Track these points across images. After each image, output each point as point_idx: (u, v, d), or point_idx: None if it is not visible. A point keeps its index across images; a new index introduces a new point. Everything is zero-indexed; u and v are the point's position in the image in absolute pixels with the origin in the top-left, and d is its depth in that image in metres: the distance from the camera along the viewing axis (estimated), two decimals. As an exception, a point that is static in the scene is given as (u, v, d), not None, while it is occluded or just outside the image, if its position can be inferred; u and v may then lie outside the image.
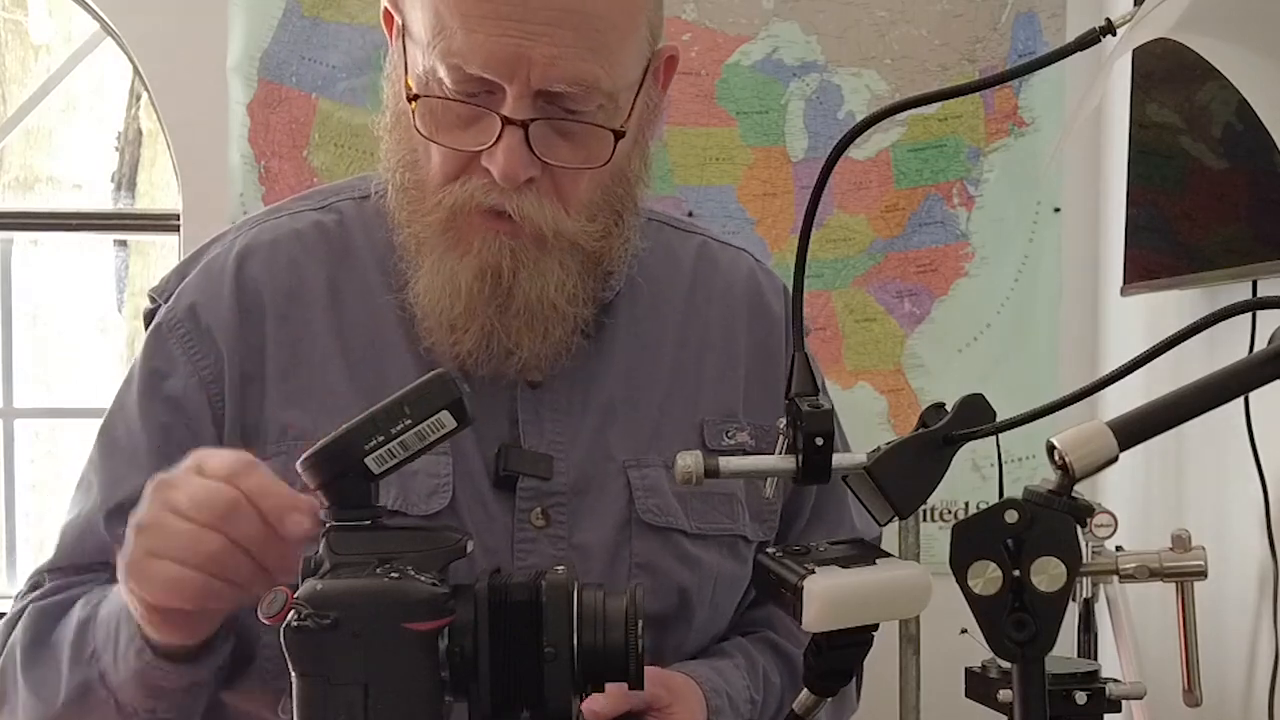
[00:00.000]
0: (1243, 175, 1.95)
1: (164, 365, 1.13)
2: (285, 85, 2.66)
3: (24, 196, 3.39)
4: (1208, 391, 0.75)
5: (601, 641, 0.84)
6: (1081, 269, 2.71)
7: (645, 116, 1.12)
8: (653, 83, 1.12)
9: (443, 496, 1.08)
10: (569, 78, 1.02)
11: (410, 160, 1.10)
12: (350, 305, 1.14)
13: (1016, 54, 2.70)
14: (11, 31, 3.51)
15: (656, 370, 1.18)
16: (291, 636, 0.77)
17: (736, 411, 1.19)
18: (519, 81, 1.02)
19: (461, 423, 0.83)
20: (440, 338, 1.10)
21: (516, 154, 1.03)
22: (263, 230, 1.17)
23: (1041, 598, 0.74)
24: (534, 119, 1.03)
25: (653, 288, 1.20)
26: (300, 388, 1.11)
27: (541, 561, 1.09)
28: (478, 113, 1.04)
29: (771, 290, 1.26)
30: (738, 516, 1.18)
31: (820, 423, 0.80)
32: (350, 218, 1.18)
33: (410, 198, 1.10)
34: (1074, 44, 0.84)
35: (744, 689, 1.16)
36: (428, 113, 1.06)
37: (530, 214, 1.05)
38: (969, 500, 2.63)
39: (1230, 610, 1.98)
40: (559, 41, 1.01)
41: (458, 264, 1.07)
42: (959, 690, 2.02)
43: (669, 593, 1.14)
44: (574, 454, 1.13)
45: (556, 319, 1.09)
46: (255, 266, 1.14)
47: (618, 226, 1.12)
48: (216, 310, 1.13)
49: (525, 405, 1.13)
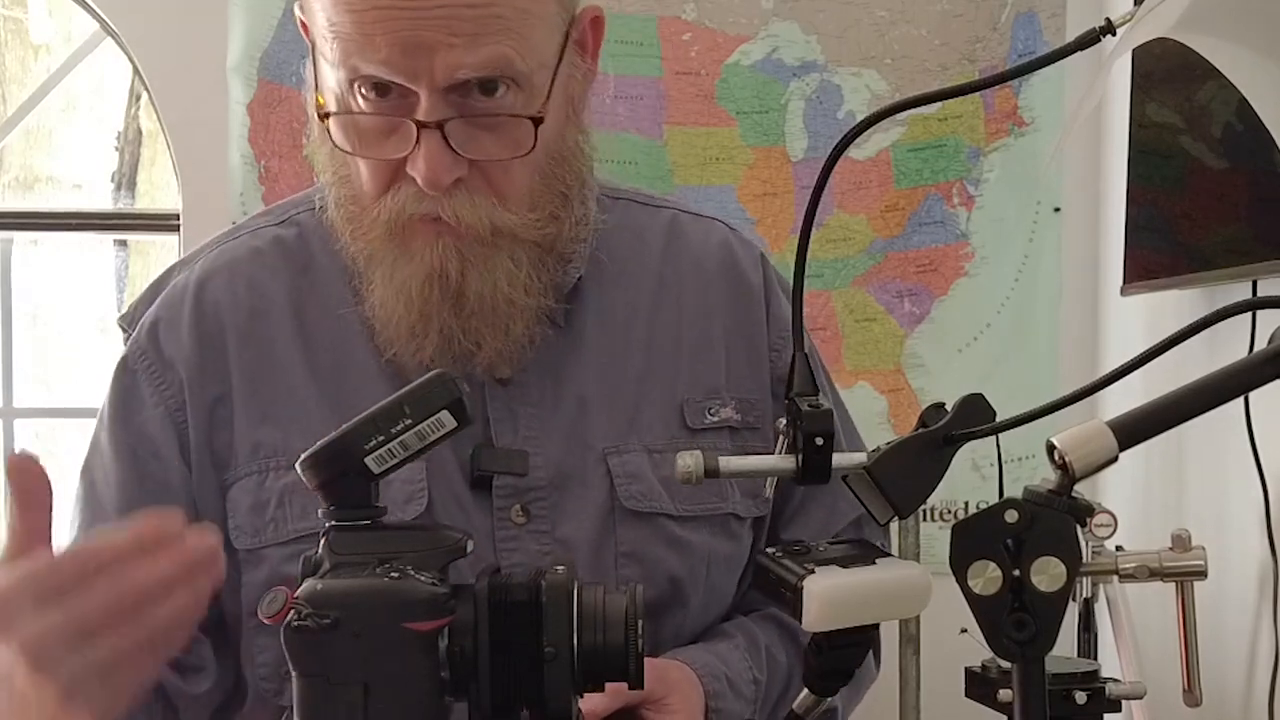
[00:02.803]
0: (1243, 175, 1.95)
1: (132, 400, 1.13)
2: (285, 85, 2.66)
3: (24, 196, 3.39)
4: (1208, 391, 0.75)
5: (601, 641, 0.83)
6: (1081, 269, 2.71)
7: (572, 89, 1.09)
8: (576, 52, 1.09)
9: (419, 502, 1.08)
10: (475, 63, 0.99)
11: (343, 175, 1.09)
12: (313, 318, 1.13)
13: (1016, 54, 2.70)
14: (11, 31, 3.51)
15: (629, 353, 1.16)
16: (291, 636, 0.77)
17: (719, 387, 1.17)
18: (426, 80, 1.00)
19: (461, 423, 0.83)
20: (401, 346, 1.09)
21: (437, 157, 1.01)
22: (223, 251, 1.17)
23: (1041, 598, 0.74)
24: (449, 118, 1.01)
25: (620, 268, 1.18)
26: (268, 404, 1.11)
27: (526, 559, 1.09)
28: (393, 122, 1.02)
29: (748, 259, 1.23)
30: (728, 495, 1.16)
31: (820, 423, 0.80)
32: (309, 230, 1.17)
33: (349, 213, 1.09)
34: (1074, 44, 0.84)
35: (745, 669, 1.14)
36: (345, 128, 1.05)
37: (464, 215, 1.04)
38: (969, 500, 2.63)
39: (1230, 610, 1.98)
40: (458, 30, 0.98)
41: (406, 271, 1.06)
42: (959, 690, 2.02)
43: (660, 580, 1.12)
44: (550, 447, 1.12)
45: (514, 313, 1.08)
46: (215, 289, 1.14)
47: (564, 208, 1.10)
48: (177, 338, 1.13)
49: (495, 403, 1.12)
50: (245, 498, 1.10)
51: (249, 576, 1.09)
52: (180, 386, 1.12)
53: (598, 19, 1.11)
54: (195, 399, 1.11)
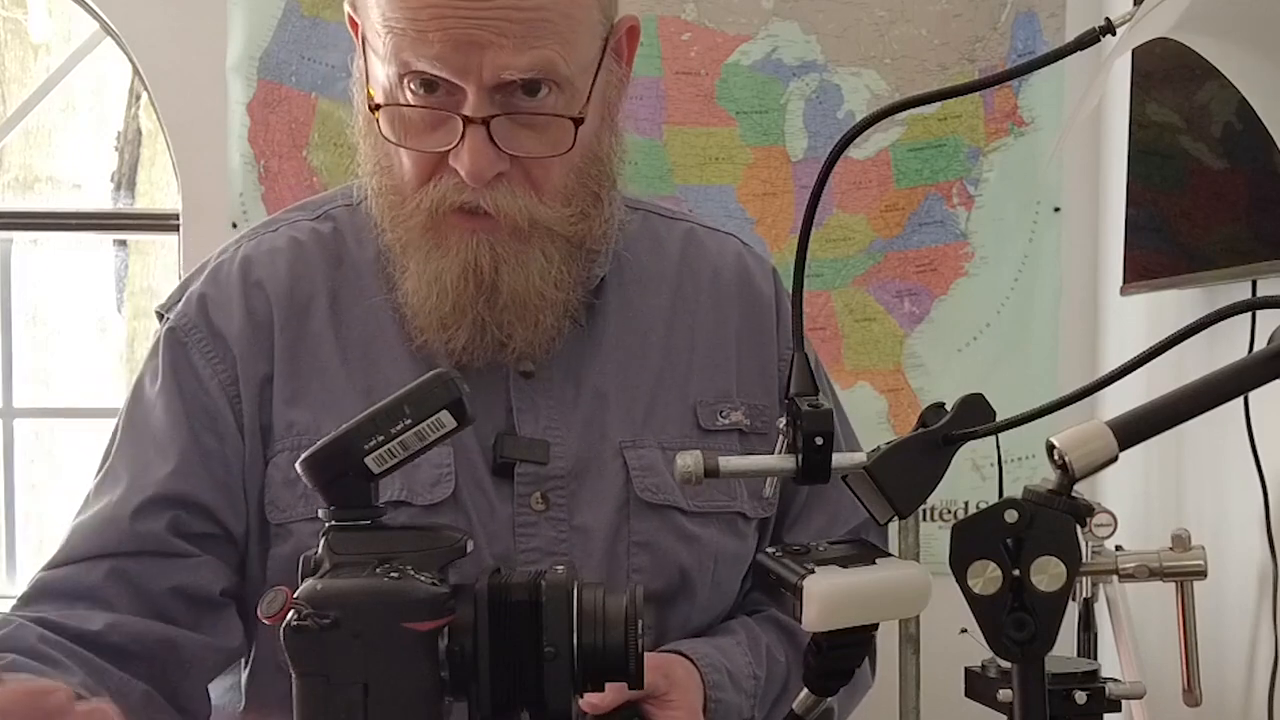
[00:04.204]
0: (1242, 175, 1.95)
1: (183, 369, 1.16)
2: (285, 85, 2.66)
3: (24, 196, 3.39)
4: (1208, 391, 0.75)
5: (601, 641, 0.84)
6: (1081, 269, 2.71)
7: (609, 93, 1.14)
8: (613, 58, 1.14)
9: (446, 486, 1.11)
10: (522, 66, 1.04)
11: (385, 165, 1.13)
12: (347, 308, 1.17)
13: (1016, 54, 2.69)
14: (11, 31, 3.51)
15: (647, 354, 1.20)
16: (291, 636, 0.77)
17: (730, 391, 1.22)
18: (474, 78, 1.04)
19: (461, 422, 0.83)
20: (433, 335, 1.13)
21: (481, 152, 1.05)
22: (262, 240, 1.21)
23: (1041, 597, 0.74)
24: (494, 115, 1.05)
25: (641, 274, 1.23)
26: (302, 387, 1.15)
27: (543, 544, 1.13)
28: (440, 116, 1.07)
29: (760, 273, 1.28)
30: (736, 494, 1.20)
31: (820, 422, 0.80)
32: (343, 224, 1.21)
33: (389, 202, 1.13)
34: (1074, 43, 0.84)
35: (746, 665, 1.18)
36: (392, 120, 1.09)
37: (505, 206, 1.08)
38: (969, 500, 2.63)
39: (1230, 610, 1.98)
40: (509, 33, 1.03)
41: (441, 263, 1.11)
42: (959, 690, 2.02)
43: (670, 570, 1.16)
44: (570, 438, 1.16)
45: (545, 306, 1.12)
46: (259, 273, 1.18)
47: (595, 207, 1.14)
48: (228, 314, 1.16)
49: (520, 394, 1.16)
50: (279, 473, 1.14)
51: (276, 549, 1.14)
52: (233, 362, 1.15)
53: (634, 28, 1.16)
54: (247, 375, 1.15)
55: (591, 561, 1.13)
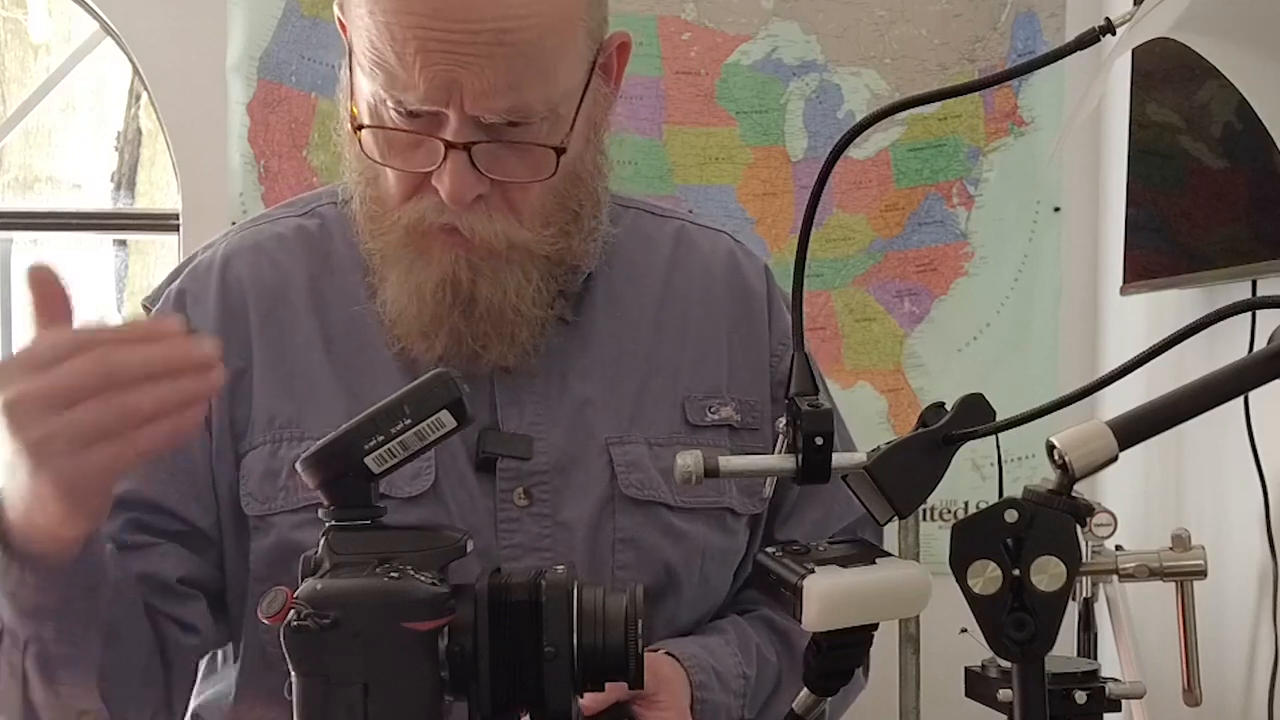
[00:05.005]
0: (1242, 175, 1.95)
1: None
2: (285, 85, 2.66)
3: (23, 196, 3.39)
4: (1208, 391, 0.75)
5: (601, 641, 0.84)
6: (1081, 269, 2.71)
7: (595, 114, 1.14)
8: (601, 78, 1.14)
9: (425, 479, 1.11)
10: (502, 108, 1.05)
11: (370, 177, 1.14)
12: (331, 303, 1.18)
13: (1016, 53, 2.69)
14: (11, 31, 3.51)
15: (635, 351, 1.20)
16: (291, 636, 0.77)
17: (720, 387, 1.22)
18: (456, 108, 1.05)
19: (461, 422, 0.83)
20: (412, 343, 1.13)
21: (461, 176, 1.06)
22: (246, 235, 1.22)
23: (1041, 597, 0.74)
24: (476, 141, 1.05)
25: (630, 271, 1.23)
26: (286, 379, 1.15)
27: (527, 540, 1.13)
28: (422, 137, 1.07)
29: (752, 269, 1.28)
30: (725, 490, 1.20)
31: (820, 422, 0.80)
32: (331, 221, 1.22)
33: (371, 213, 1.14)
34: (1074, 43, 0.84)
35: (734, 665, 1.17)
36: (375, 139, 1.10)
37: (481, 231, 1.09)
38: (969, 500, 2.63)
39: (1230, 610, 1.98)
40: (491, 71, 1.03)
41: (420, 275, 1.11)
42: (959, 690, 2.02)
43: (655, 567, 1.16)
44: (554, 434, 1.16)
45: (521, 322, 1.13)
46: (239, 267, 1.18)
47: (575, 224, 1.15)
48: (203, 310, 1.17)
49: (503, 390, 1.16)
50: (258, 465, 1.13)
51: (257, 543, 1.13)
52: None
53: (624, 45, 1.16)
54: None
55: (575, 557, 1.12)
